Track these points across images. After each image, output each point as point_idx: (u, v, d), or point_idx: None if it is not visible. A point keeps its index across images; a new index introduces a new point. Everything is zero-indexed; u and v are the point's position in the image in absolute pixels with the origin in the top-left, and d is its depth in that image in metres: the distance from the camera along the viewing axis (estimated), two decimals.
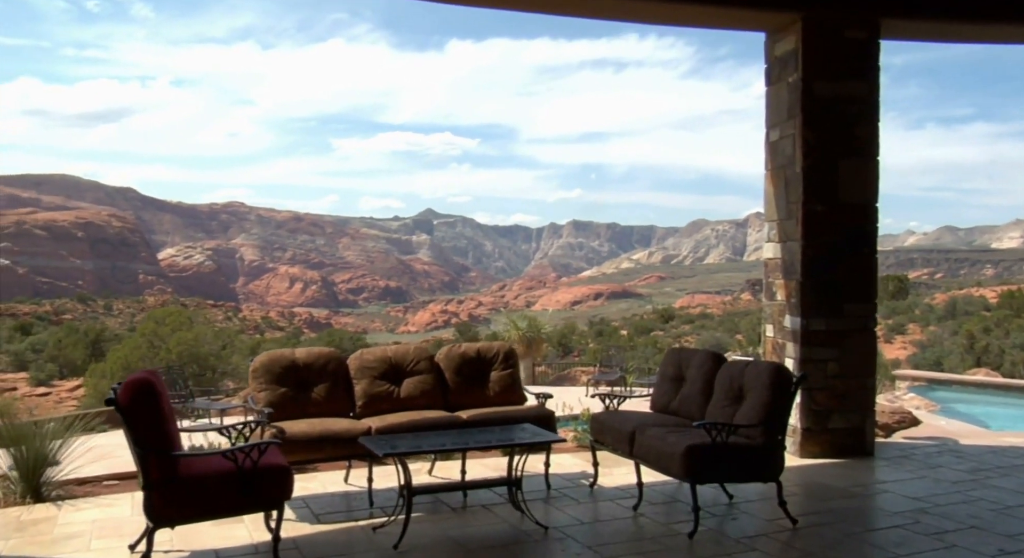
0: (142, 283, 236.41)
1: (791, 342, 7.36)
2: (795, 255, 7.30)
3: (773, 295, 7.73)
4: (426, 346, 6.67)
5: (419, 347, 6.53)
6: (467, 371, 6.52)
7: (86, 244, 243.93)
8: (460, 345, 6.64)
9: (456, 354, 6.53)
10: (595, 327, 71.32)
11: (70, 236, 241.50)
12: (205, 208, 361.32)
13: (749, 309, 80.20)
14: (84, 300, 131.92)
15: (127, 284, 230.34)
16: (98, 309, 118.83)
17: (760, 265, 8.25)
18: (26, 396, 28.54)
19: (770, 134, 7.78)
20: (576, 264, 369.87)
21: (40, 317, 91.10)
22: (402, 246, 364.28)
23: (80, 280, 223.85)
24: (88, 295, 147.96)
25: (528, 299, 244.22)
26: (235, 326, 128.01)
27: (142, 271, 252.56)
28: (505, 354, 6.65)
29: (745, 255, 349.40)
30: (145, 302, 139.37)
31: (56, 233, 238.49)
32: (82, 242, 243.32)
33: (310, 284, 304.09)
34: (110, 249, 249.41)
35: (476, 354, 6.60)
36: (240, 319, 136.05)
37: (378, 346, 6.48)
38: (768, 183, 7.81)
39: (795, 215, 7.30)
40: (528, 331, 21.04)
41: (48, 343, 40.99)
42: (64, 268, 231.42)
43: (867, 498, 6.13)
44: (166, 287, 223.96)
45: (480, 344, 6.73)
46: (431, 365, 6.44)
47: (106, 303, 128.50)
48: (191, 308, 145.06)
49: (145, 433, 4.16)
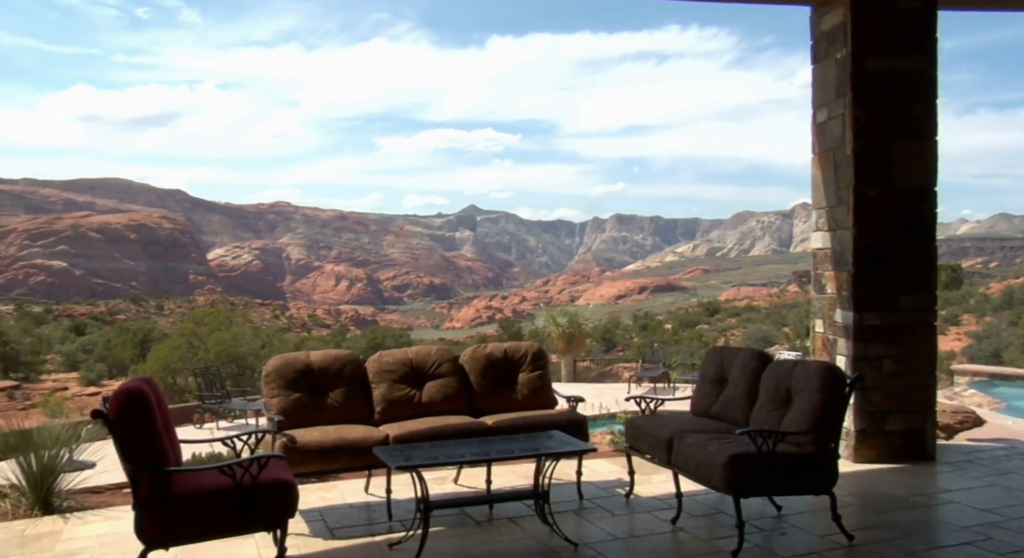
0: (192, 283, 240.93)
1: (843, 338, 6.83)
2: (846, 245, 6.76)
3: (822, 288, 7.20)
4: (449, 347, 6.28)
5: (441, 348, 6.14)
6: (493, 373, 6.12)
7: (139, 246, 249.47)
8: (486, 345, 6.24)
9: (481, 355, 6.14)
10: (639, 321, 70.50)
11: (123, 238, 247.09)
12: (252, 208, 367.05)
13: (796, 301, 78.63)
14: (137, 300, 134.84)
15: (178, 284, 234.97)
16: (150, 309, 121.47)
17: (807, 256, 7.71)
18: (76, 396, 28.96)
19: (817, 115, 7.24)
20: (620, 258, 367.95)
21: (95, 317, 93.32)
22: (446, 243, 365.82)
23: (133, 281, 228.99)
24: (140, 295, 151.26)
25: (572, 294, 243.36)
26: (282, 324, 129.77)
27: (192, 271, 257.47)
28: (534, 355, 6.23)
29: (792, 246, 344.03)
30: (195, 302, 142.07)
31: (110, 235, 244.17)
32: (135, 244, 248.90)
33: (356, 282, 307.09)
34: (161, 250, 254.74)
35: (503, 355, 6.20)
36: (287, 317, 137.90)
37: (392, 350, 6.11)
38: (815, 168, 7.28)
39: (845, 201, 6.77)
40: (568, 327, 20.62)
41: (98, 343, 41.66)
42: (118, 269, 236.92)
43: (930, 509, 5.59)
44: (215, 287, 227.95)
45: (507, 344, 6.32)
46: (455, 367, 6.05)
47: (158, 303, 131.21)
48: (239, 307, 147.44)
49: (135, 447, 3.84)
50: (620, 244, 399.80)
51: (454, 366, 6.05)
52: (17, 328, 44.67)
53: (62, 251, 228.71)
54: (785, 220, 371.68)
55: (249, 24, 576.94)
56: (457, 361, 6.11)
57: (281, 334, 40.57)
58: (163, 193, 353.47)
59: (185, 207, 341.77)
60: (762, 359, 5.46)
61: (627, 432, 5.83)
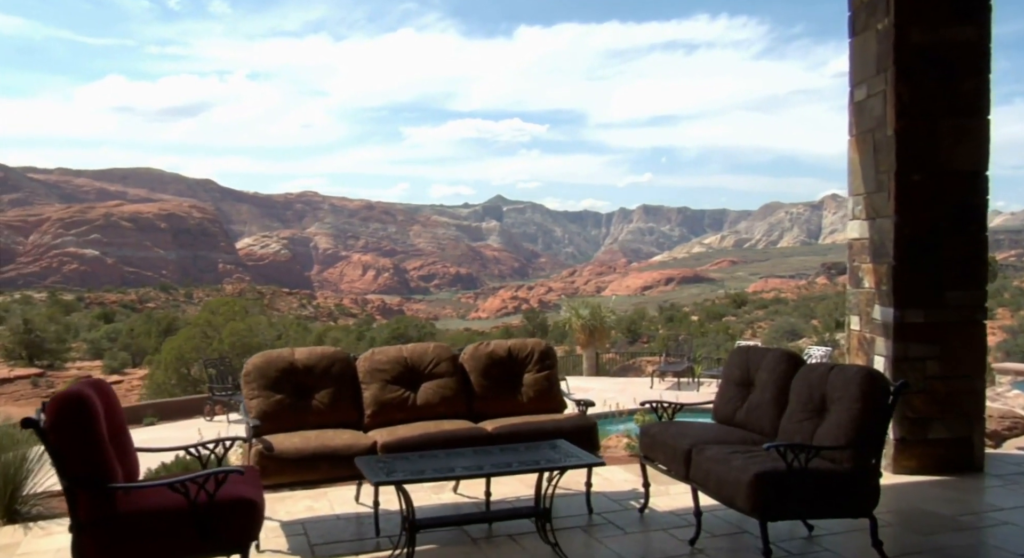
0: (221, 272, 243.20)
1: (881, 337, 6.23)
2: (886, 234, 6.15)
3: (859, 282, 6.59)
4: (448, 345, 5.76)
5: (440, 345, 5.63)
6: (496, 373, 5.59)
7: (169, 235, 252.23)
8: (488, 343, 5.71)
9: (483, 354, 5.61)
10: (665, 313, 69.74)
11: (154, 227, 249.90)
12: (280, 198, 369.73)
13: (825, 293, 77.35)
14: (166, 289, 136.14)
15: (208, 273, 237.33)
16: (179, 297, 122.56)
17: (837, 248, 7.11)
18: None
19: (855, 93, 6.62)
20: (646, 249, 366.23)
21: (125, 305, 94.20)
22: (472, 233, 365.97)
23: (164, 269, 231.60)
24: (170, 284, 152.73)
25: (598, 284, 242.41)
26: (308, 313, 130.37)
27: (221, 260, 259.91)
28: (541, 354, 5.69)
29: (820, 238, 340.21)
30: (223, 290, 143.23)
31: (141, 224, 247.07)
32: (165, 233, 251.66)
33: (382, 271, 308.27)
34: (191, 239, 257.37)
35: (507, 354, 5.68)
36: (314, 306, 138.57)
37: (385, 348, 5.60)
38: (852, 151, 6.66)
39: (886, 187, 6.15)
40: (591, 319, 20.04)
41: (122, 332, 41.77)
42: (149, 258, 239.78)
43: (981, 531, 4.99)
44: (244, 275, 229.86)
45: (512, 342, 5.78)
46: (454, 367, 5.53)
47: (187, 292, 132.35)
48: (267, 296, 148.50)
49: (72, 461, 3.38)
50: (647, 235, 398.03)
51: (453, 365, 5.54)
52: (43, 316, 44.93)
53: (95, 240, 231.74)
54: (814, 211, 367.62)
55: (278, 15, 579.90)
56: (456, 360, 5.59)
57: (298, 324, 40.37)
58: (193, 183, 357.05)
59: (214, 197, 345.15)
60: (792, 361, 4.89)
61: (642, 442, 5.29)
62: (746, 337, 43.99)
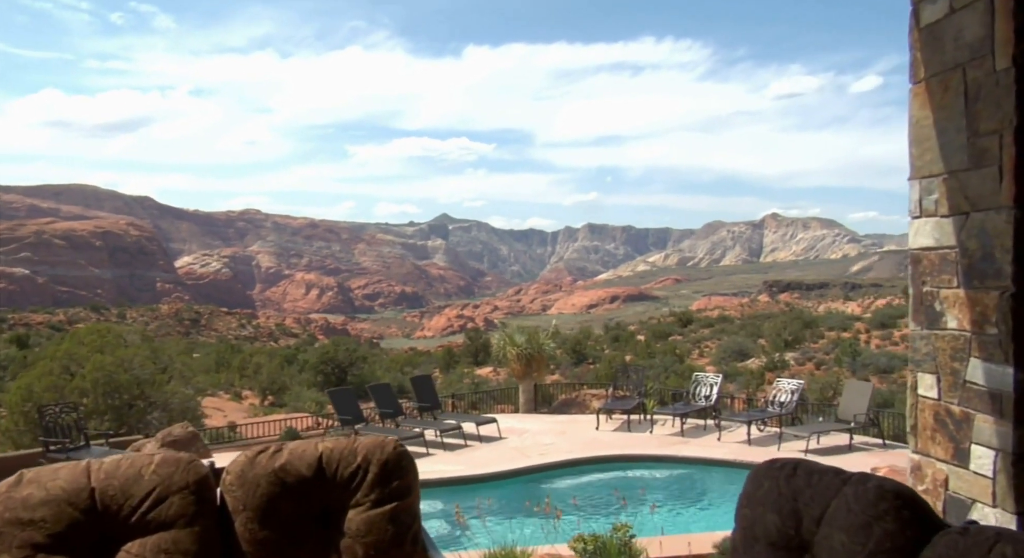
0: (160, 291, 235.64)
1: (985, 414, 3.65)
2: (996, 238, 3.58)
3: (937, 318, 4.02)
4: (189, 459, 2.88)
5: (172, 458, 2.78)
6: (288, 511, 2.80)
7: (105, 253, 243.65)
8: (281, 451, 2.86)
9: (264, 473, 2.81)
10: (611, 332, 67.80)
11: (89, 245, 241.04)
12: (222, 216, 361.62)
13: (769, 311, 76.19)
14: (97, 309, 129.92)
15: (145, 292, 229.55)
16: (112, 317, 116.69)
17: (777, 267, 4.53)
18: None
19: (922, 10, 4.08)
20: (592, 267, 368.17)
21: (52, 327, 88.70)
22: (418, 251, 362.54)
23: (99, 289, 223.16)
24: (102, 304, 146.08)
25: (544, 303, 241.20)
26: (248, 333, 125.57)
27: (160, 279, 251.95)
28: (382, 468, 2.91)
29: (762, 256, 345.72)
30: (159, 310, 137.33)
31: (75, 242, 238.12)
32: (101, 251, 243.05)
33: (326, 290, 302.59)
34: (128, 258, 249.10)
35: (314, 472, 2.85)
36: (254, 326, 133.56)
37: (57, 465, 2.70)
38: (918, 105, 4.11)
39: (993, 157, 3.59)
40: (527, 347, 17.39)
41: (16, 359, 37.80)
42: (84, 277, 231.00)
43: None
44: (183, 295, 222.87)
45: (329, 445, 2.95)
46: (198, 503, 2.72)
47: (120, 311, 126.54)
48: (204, 316, 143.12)
49: None
50: (592, 253, 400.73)
51: (198, 501, 2.71)
52: None
53: (25, 258, 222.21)
54: (755, 230, 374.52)
55: (224, 31, 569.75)
56: (207, 488, 2.76)
57: (188, 356, 36.90)
58: (130, 200, 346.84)
59: (153, 214, 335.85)
60: (915, 517, 2.20)
61: None
62: (694, 359, 41.88)
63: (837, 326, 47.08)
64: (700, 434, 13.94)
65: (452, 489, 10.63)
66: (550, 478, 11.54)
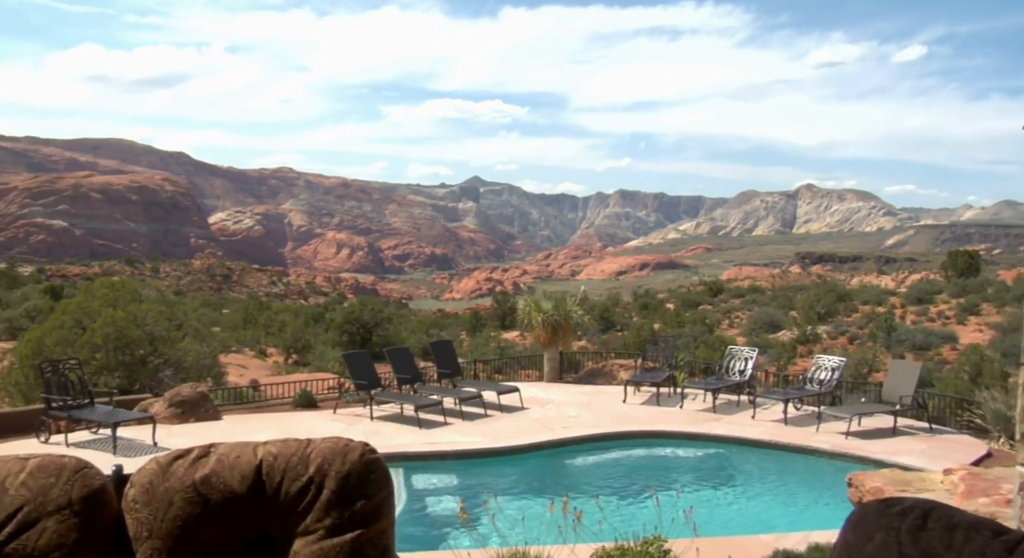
0: (194, 246, 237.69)
1: None
2: None
3: None
4: (79, 464, 2.08)
5: (50, 466, 2.02)
6: (212, 539, 1.99)
7: (140, 207, 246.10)
8: (207, 456, 1.97)
9: (181, 487, 2.01)
10: (640, 300, 66.80)
11: (125, 199, 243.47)
12: (255, 173, 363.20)
13: (801, 283, 74.61)
14: (132, 262, 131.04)
15: (179, 247, 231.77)
16: (145, 272, 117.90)
17: (811, 238, 3.73)
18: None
19: None
20: (622, 234, 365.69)
21: (88, 278, 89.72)
22: (448, 213, 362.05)
23: (135, 243, 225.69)
24: (136, 258, 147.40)
25: (573, 268, 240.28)
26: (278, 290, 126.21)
27: (193, 234, 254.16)
28: (344, 483, 2.11)
29: (795, 227, 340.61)
30: (191, 265, 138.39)
31: (112, 196, 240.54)
32: (136, 205, 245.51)
33: (357, 250, 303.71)
34: (163, 213, 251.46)
35: (248, 487, 1.97)
36: (284, 283, 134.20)
37: None
38: None
39: None
40: (554, 315, 16.69)
41: (43, 309, 37.88)
42: (119, 231, 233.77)
43: None
44: (216, 250, 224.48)
45: (272, 449, 2.05)
46: (83, 528, 1.94)
47: (153, 266, 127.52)
48: (236, 272, 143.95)
49: None
50: (623, 220, 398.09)
51: (82, 525, 1.93)
52: None
53: (63, 210, 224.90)
54: (789, 201, 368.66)
55: None
56: (97, 507, 1.99)
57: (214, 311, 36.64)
58: (166, 155, 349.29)
59: (188, 170, 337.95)
60: None
61: None
62: (724, 329, 41.01)
63: (872, 300, 45.77)
64: (733, 411, 13.23)
65: (468, 463, 10.03)
66: (573, 454, 10.91)
